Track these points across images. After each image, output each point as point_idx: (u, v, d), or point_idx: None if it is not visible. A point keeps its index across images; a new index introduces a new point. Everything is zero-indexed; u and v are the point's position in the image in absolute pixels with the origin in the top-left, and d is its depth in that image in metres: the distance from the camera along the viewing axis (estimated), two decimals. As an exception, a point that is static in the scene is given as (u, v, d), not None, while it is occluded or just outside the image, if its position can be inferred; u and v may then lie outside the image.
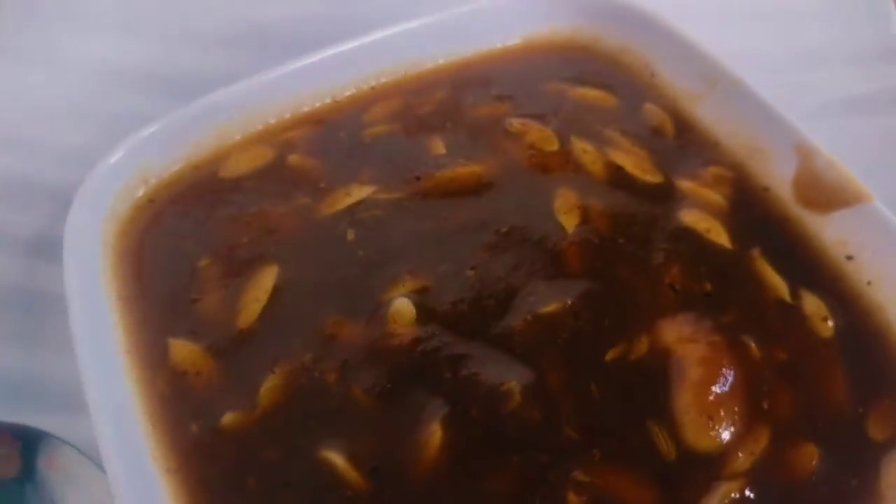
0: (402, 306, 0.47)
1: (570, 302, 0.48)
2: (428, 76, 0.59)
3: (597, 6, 0.61)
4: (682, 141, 0.57)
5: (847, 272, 0.50)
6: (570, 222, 0.52)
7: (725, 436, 0.43)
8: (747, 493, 0.41)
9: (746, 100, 0.54)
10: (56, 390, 0.49)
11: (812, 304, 0.49)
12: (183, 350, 0.47)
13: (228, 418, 0.44)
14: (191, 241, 0.52)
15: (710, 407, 0.44)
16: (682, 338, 0.46)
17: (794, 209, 0.52)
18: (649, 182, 0.54)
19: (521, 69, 0.61)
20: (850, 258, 0.50)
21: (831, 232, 0.51)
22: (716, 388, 0.44)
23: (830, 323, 0.48)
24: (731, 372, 0.45)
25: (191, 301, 0.48)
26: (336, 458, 0.42)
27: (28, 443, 0.47)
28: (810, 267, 0.50)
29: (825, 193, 0.51)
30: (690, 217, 0.52)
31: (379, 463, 0.42)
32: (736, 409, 0.44)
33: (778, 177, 0.53)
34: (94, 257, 0.48)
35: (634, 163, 0.55)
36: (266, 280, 0.49)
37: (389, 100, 0.58)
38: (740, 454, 0.42)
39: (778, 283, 0.49)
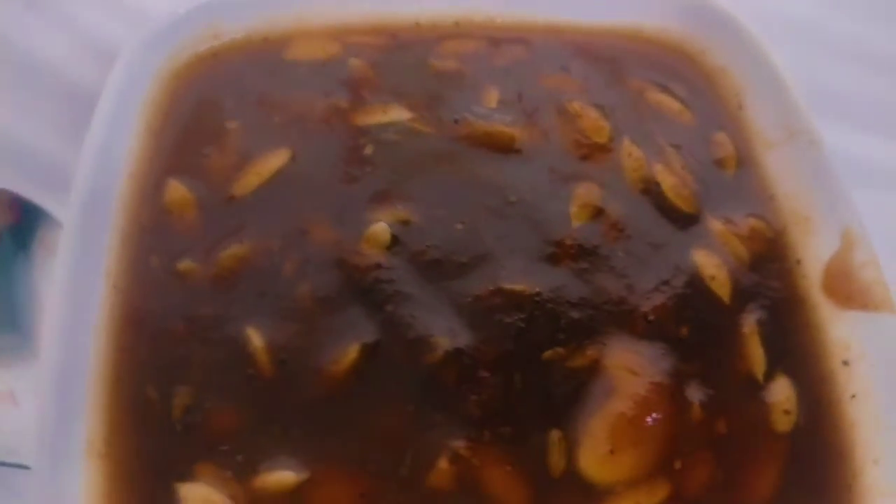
0: (380, 230, 0.49)
1: (537, 290, 0.48)
2: (516, 29, 0.59)
3: (714, 17, 0.58)
4: (737, 182, 0.54)
5: (836, 377, 0.46)
6: (579, 216, 0.51)
7: (619, 474, 0.43)
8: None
9: (817, 163, 0.50)
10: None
11: (781, 393, 0.46)
12: (177, 192, 0.51)
13: (185, 265, 0.48)
14: (231, 102, 0.56)
15: (618, 441, 0.43)
16: (627, 367, 0.45)
17: (814, 292, 0.49)
18: (680, 209, 0.52)
19: (612, 53, 0.59)
20: (845, 363, 0.47)
21: (839, 329, 0.47)
22: (635, 428, 0.44)
23: (791, 419, 0.45)
24: (658, 419, 0.44)
25: (202, 154, 0.53)
26: (255, 337, 0.45)
27: (30, 216, 0.54)
28: (800, 357, 0.47)
29: (851, 288, 0.47)
30: (702, 258, 0.50)
31: (290, 358, 0.45)
32: (645, 455, 0.43)
33: (814, 254, 0.50)
34: (140, 82, 0.53)
35: (675, 185, 0.52)
36: (274, 161, 0.52)
37: (468, 40, 0.59)
38: (624, 498, 0.42)
39: (757, 359, 0.47)
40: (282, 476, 0.42)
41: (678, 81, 0.58)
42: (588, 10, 0.60)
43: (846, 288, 0.48)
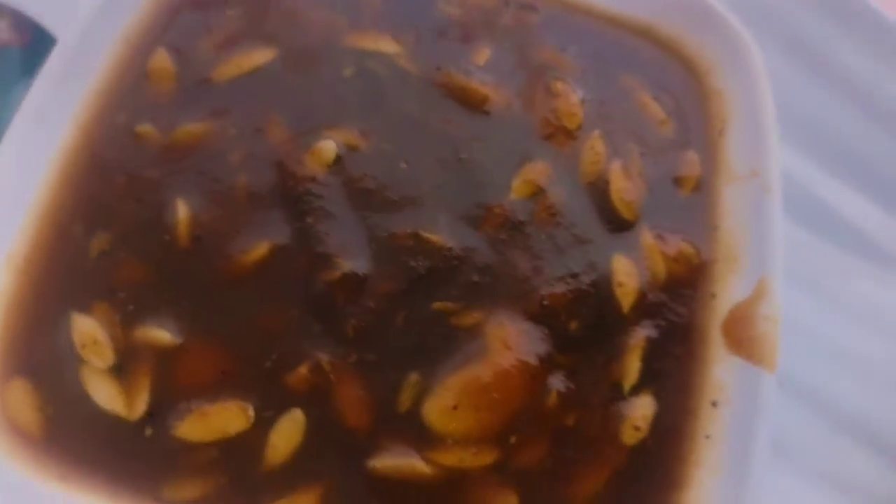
0: (326, 148, 0.52)
1: (450, 245, 0.51)
2: (531, -5, 0.60)
3: (733, 40, 0.57)
4: (687, 204, 0.55)
5: (699, 413, 0.48)
6: (519, 190, 0.53)
7: (454, 429, 0.46)
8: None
9: (764, 210, 0.51)
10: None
11: (640, 410, 0.48)
12: (161, 62, 0.55)
13: (145, 128, 0.53)
14: (239, -5, 0.60)
15: (465, 400, 0.46)
16: (504, 339, 0.48)
17: (713, 329, 0.50)
18: (619, 212, 0.53)
19: (617, 44, 0.60)
20: (713, 404, 0.48)
21: (720, 371, 0.49)
22: (486, 393, 0.47)
23: (639, 436, 0.48)
24: (511, 397, 0.47)
25: (196, 33, 0.57)
26: (182, 209, 0.50)
27: (40, 43, 0.59)
28: (674, 385, 0.49)
29: (746, 335, 0.48)
30: (618, 264, 0.51)
31: (205, 237, 0.50)
32: (483, 421, 0.46)
33: (730, 293, 0.51)
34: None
35: (622, 189, 0.54)
36: (258, 58, 0.56)
37: (481, -9, 0.61)
38: (451, 451, 0.46)
39: (631, 371, 0.49)
40: (159, 334, 0.47)
41: (672, 91, 0.59)
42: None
43: (741, 334, 0.49)
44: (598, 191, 0.54)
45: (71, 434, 0.45)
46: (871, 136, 0.63)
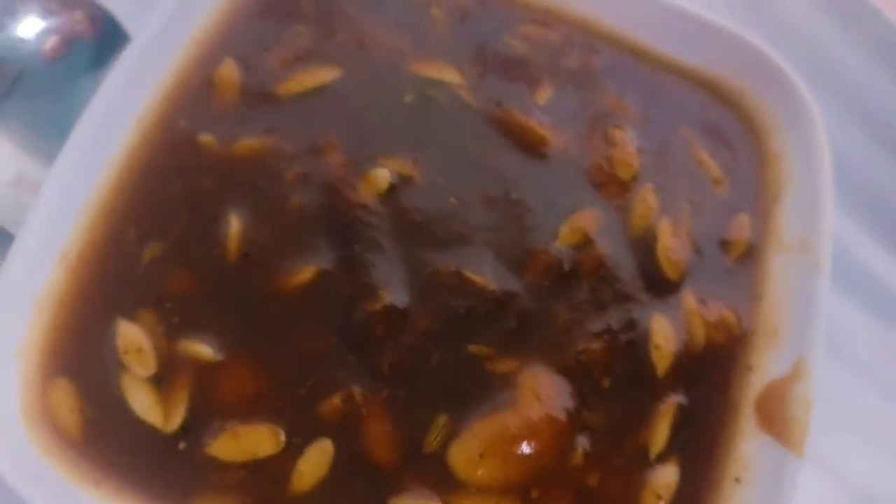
0: (381, 176, 0.53)
1: (493, 288, 0.51)
2: (599, 36, 0.60)
3: (800, 106, 0.56)
4: (733, 269, 0.55)
5: (722, 489, 0.48)
6: (566, 238, 0.53)
7: (478, 477, 0.47)
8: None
9: (811, 286, 0.51)
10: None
11: (664, 479, 0.49)
12: (228, 71, 0.56)
13: (206, 138, 0.54)
14: (311, 5, 0.60)
15: (491, 449, 0.47)
16: (536, 391, 0.49)
17: (746, 403, 0.50)
18: (664, 272, 0.53)
19: (680, 95, 0.59)
20: (737, 481, 0.48)
21: (748, 447, 0.49)
22: (512, 445, 0.47)
23: None
24: (538, 451, 0.48)
25: (265, 46, 0.57)
26: (235, 223, 0.51)
27: (111, 36, 0.60)
28: (701, 455, 0.49)
29: (778, 415, 0.48)
30: (658, 325, 0.52)
31: (254, 254, 0.51)
32: (508, 473, 0.47)
33: (767, 367, 0.51)
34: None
35: (670, 247, 0.54)
36: (322, 76, 0.56)
37: (549, 30, 0.60)
38: (472, 498, 0.46)
39: (659, 438, 0.49)
40: (201, 349, 0.48)
41: (730, 149, 0.59)
42: (679, 44, 0.60)
43: (774, 413, 0.49)
44: (645, 246, 0.54)
45: (108, 439, 0.46)
46: None
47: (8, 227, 0.56)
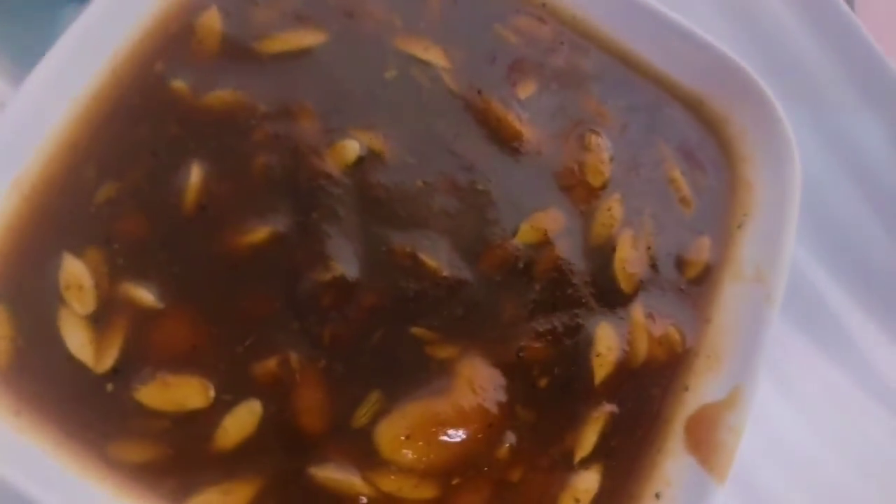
0: (349, 148, 0.53)
1: (444, 274, 0.52)
2: (591, 38, 0.60)
3: (781, 139, 0.56)
4: (686, 290, 0.55)
5: (641, 502, 0.49)
6: (524, 235, 0.54)
7: (400, 457, 0.47)
8: (362, 499, 0.47)
9: (759, 320, 0.52)
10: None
11: (584, 484, 0.49)
12: (211, 20, 0.55)
13: (179, 84, 0.53)
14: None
15: (418, 432, 0.48)
16: (471, 381, 0.50)
17: (677, 422, 0.51)
18: (617, 282, 0.54)
19: (661, 109, 0.60)
20: (657, 496, 0.49)
21: (672, 465, 0.50)
22: (440, 430, 0.48)
23: (577, 506, 0.49)
24: (464, 440, 0.48)
25: (254, 1, 0.57)
26: (196, 174, 0.51)
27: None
28: (624, 466, 0.50)
29: (706, 439, 0.49)
30: (602, 333, 0.52)
31: (211, 208, 0.51)
32: (431, 457, 0.48)
33: (703, 391, 0.52)
34: None
35: (627, 259, 0.55)
36: (307, 39, 0.56)
37: (542, 25, 0.60)
38: (392, 477, 0.47)
39: (585, 444, 0.50)
40: (143, 294, 0.48)
41: (703, 171, 0.59)
42: (668, 57, 0.60)
43: (702, 436, 0.50)
44: (603, 255, 0.55)
45: (35, 371, 0.46)
46: None
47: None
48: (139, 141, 0.52)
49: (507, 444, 0.49)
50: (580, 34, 0.61)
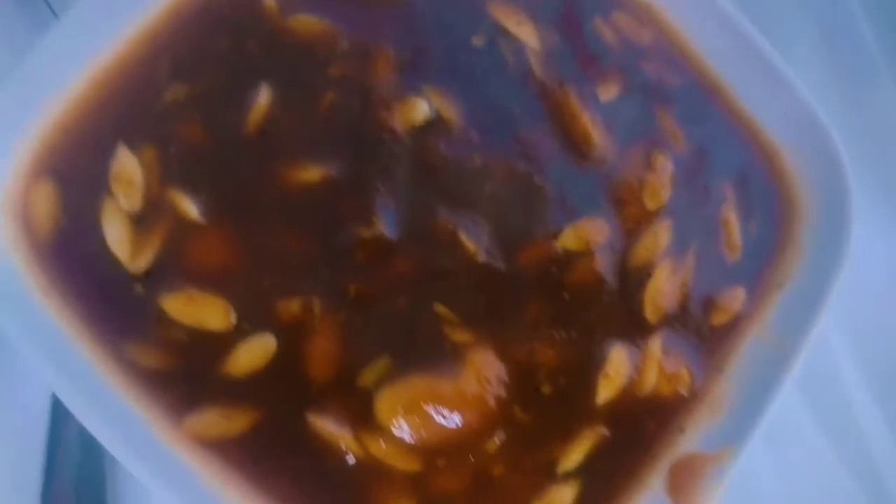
0: (419, 108, 0.54)
1: (478, 261, 0.53)
2: (685, 54, 0.60)
3: (843, 208, 0.57)
4: (708, 335, 0.57)
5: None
6: (567, 240, 0.55)
7: (394, 426, 0.50)
8: (349, 456, 0.50)
9: (767, 383, 0.54)
10: None
11: (559, 496, 0.53)
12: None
13: (268, 1, 0.54)
14: None
15: (416, 408, 0.51)
16: (480, 372, 0.52)
17: (662, 461, 0.54)
18: (644, 311, 0.55)
19: (735, 149, 0.60)
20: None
21: (644, 502, 0.53)
22: (438, 410, 0.51)
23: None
24: (459, 426, 0.51)
25: None
26: (264, 95, 0.52)
27: None
28: (602, 490, 0.53)
29: (685, 485, 0.53)
30: (615, 356, 0.54)
31: (271, 133, 0.52)
32: (423, 435, 0.51)
33: (697, 438, 0.54)
34: None
35: (660, 292, 0.56)
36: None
37: (642, 30, 0.59)
38: (381, 442, 0.50)
39: (571, 458, 0.53)
40: (188, 205, 0.50)
41: (759, 222, 0.60)
42: (760, 99, 0.60)
43: (684, 482, 0.53)
44: (637, 279, 0.57)
45: (70, 255, 0.49)
46: None
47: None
48: (218, 50, 0.53)
49: (497, 441, 0.52)
50: (677, 48, 0.61)
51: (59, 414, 0.56)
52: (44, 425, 0.55)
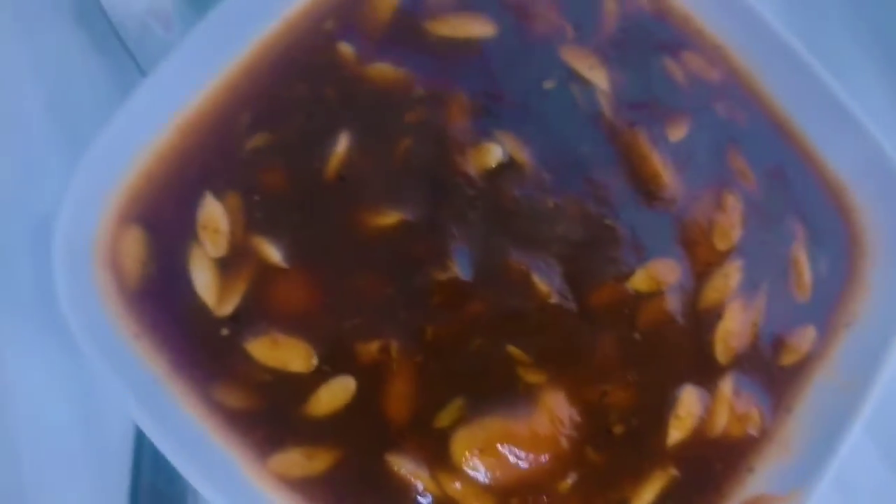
0: (494, 152, 0.56)
1: (553, 302, 0.55)
2: (755, 93, 0.61)
3: None
4: (778, 375, 0.58)
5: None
6: (639, 281, 0.56)
7: (471, 468, 0.52)
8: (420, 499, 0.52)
9: (839, 423, 0.54)
10: None
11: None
12: None
13: (347, 49, 0.56)
14: None
15: (491, 449, 0.52)
16: (553, 413, 0.54)
17: (733, 499, 0.55)
18: (714, 353, 0.56)
19: (805, 187, 0.61)
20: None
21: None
22: (512, 451, 0.52)
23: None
24: (532, 467, 0.52)
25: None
26: (343, 141, 0.54)
27: None
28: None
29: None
30: (687, 398, 0.55)
31: (350, 179, 0.54)
32: (499, 473, 0.52)
33: (767, 478, 0.55)
34: None
35: (731, 333, 0.57)
36: (474, 29, 0.58)
37: (712, 70, 0.61)
38: (457, 482, 0.52)
39: (643, 500, 0.53)
40: (271, 251, 0.53)
41: (829, 260, 0.61)
42: (829, 137, 0.61)
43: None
44: (708, 320, 0.58)
45: (159, 300, 0.51)
46: None
47: (131, 48, 0.59)
48: (296, 97, 0.56)
49: (570, 482, 0.54)
50: (746, 87, 0.62)
51: (141, 451, 0.58)
52: (128, 463, 0.58)
